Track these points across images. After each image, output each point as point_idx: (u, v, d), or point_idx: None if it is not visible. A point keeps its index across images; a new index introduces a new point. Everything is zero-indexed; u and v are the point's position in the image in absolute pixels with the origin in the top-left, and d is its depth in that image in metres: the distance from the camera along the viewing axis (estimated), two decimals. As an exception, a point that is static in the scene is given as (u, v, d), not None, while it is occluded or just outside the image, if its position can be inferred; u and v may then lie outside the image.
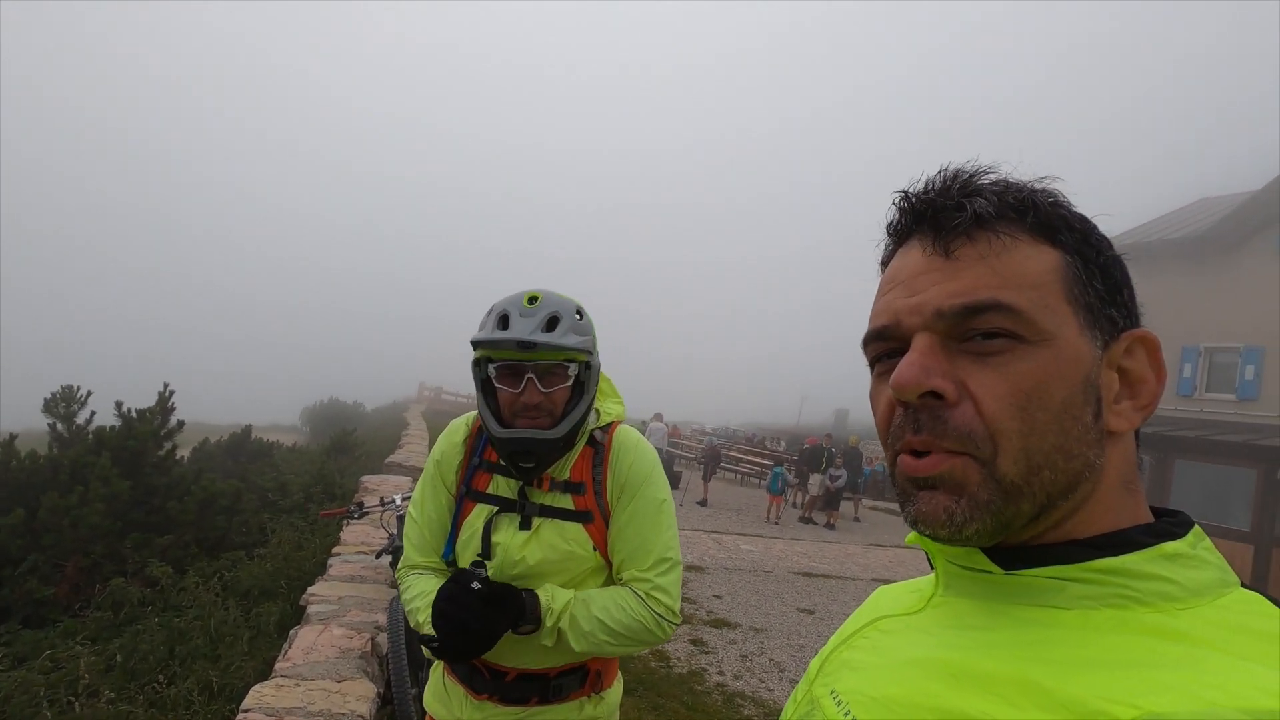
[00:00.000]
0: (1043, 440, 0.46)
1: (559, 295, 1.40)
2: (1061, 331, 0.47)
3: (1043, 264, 0.49)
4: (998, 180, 0.52)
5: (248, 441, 9.90)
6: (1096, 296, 0.49)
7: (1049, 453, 0.46)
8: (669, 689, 4.26)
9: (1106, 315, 0.49)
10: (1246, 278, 12.44)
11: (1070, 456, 0.46)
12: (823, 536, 11.83)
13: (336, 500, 7.13)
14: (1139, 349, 0.50)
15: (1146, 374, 0.50)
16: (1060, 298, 0.48)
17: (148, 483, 5.80)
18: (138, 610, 4.45)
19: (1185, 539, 0.46)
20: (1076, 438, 0.46)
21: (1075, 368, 0.47)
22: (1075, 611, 0.45)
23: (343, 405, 29.17)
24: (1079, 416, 0.46)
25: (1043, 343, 0.46)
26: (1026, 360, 0.46)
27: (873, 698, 0.50)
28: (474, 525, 1.39)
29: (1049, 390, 0.46)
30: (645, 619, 1.34)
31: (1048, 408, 0.46)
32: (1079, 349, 0.47)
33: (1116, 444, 0.49)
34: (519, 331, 1.30)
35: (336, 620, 3.31)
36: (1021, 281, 0.48)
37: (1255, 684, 0.36)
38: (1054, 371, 0.46)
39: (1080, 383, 0.47)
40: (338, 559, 4.44)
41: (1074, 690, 0.39)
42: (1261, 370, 12.04)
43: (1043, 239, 0.49)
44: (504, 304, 1.37)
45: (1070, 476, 0.46)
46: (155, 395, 6.72)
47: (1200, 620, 0.42)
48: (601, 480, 1.41)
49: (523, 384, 1.33)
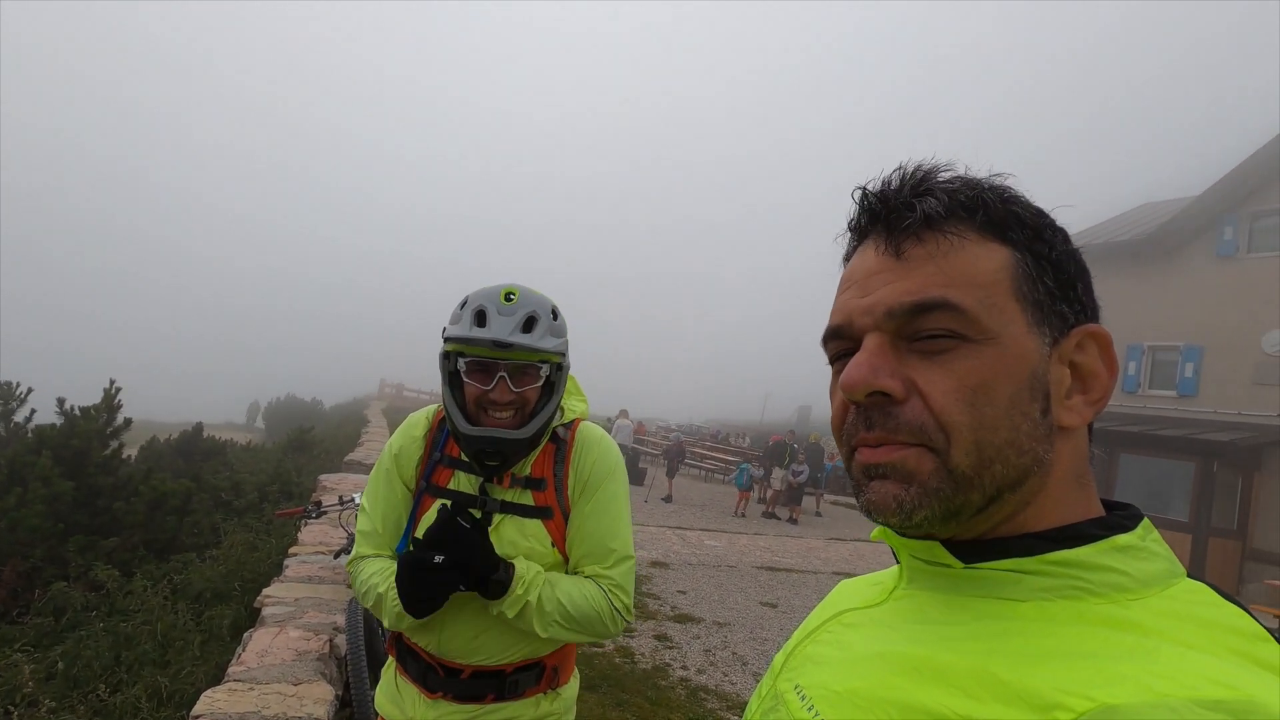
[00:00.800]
0: (994, 435, 0.47)
1: (535, 293, 1.39)
2: (1007, 330, 0.48)
3: (992, 262, 0.49)
4: (953, 178, 0.52)
5: (199, 440, 9.58)
6: (1046, 293, 0.50)
7: (1000, 447, 0.47)
8: (633, 684, 4.27)
9: (1057, 311, 0.50)
10: (1186, 280, 13.00)
11: (1020, 451, 0.47)
12: (786, 531, 11.99)
13: (294, 500, 6.96)
14: (1090, 344, 0.50)
15: (1098, 368, 0.50)
16: (1008, 295, 0.48)
17: (92, 483, 5.57)
18: (81, 616, 4.27)
19: (1135, 531, 0.47)
20: (1025, 433, 0.47)
21: (1020, 365, 0.48)
22: (1032, 603, 0.46)
23: (300, 402, 28.47)
24: (1026, 412, 0.47)
25: (988, 341, 0.47)
26: (972, 358, 0.47)
27: (836, 692, 0.50)
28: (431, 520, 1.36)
29: (994, 387, 0.47)
30: (604, 611, 1.35)
31: (995, 404, 0.47)
32: (1024, 346, 0.48)
33: (1068, 438, 0.50)
34: (497, 331, 1.28)
35: (293, 622, 3.23)
36: (969, 281, 0.48)
37: (1204, 674, 0.37)
38: (999, 369, 0.47)
39: (1026, 379, 0.48)
40: (295, 560, 4.33)
41: (1031, 682, 0.40)
42: (1200, 368, 12.60)
43: (992, 237, 0.50)
44: (480, 298, 1.33)
45: (1019, 471, 0.47)
46: (101, 392, 6.46)
47: (1150, 610, 0.43)
48: (563, 477, 1.40)
49: (494, 381, 1.31)
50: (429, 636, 1.37)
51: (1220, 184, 12.79)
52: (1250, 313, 12.00)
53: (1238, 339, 12.10)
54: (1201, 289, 12.77)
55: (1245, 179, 12.57)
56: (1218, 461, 11.32)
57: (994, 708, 0.40)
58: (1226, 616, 0.43)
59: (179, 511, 5.78)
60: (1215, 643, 0.41)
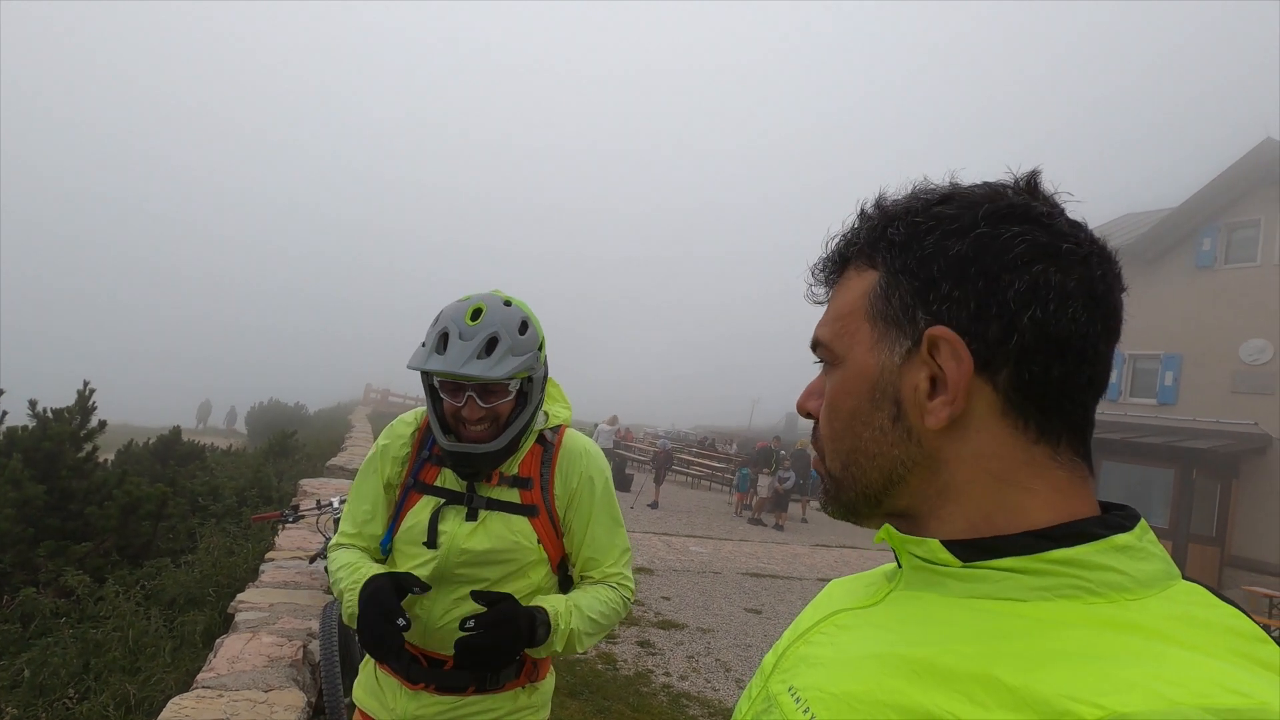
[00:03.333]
0: (841, 443, 0.55)
1: (507, 304, 1.40)
2: (851, 352, 0.54)
3: (857, 290, 0.55)
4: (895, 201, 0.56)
5: (177, 443, 9.43)
6: (900, 305, 0.52)
7: (850, 453, 0.54)
8: (614, 691, 4.23)
9: (910, 320, 0.51)
10: (1166, 290, 13.20)
11: (870, 455, 0.53)
12: (771, 537, 11.98)
13: (273, 504, 6.85)
14: (940, 346, 0.49)
15: (949, 368, 0.49)
16: (861, 318, 0.54)
17: (64, 486, 5.46)
18: (50, 622, 4.17)
19: (1133, 532, 0.47)
20: (871, 439, 0.53)
21: (859, 381, 0.54)
22: (1031, 603, 0.45)
23: (284, 407, 28.13)
24: (869, 421, 0.53)
25: (839, 364, 0.55)
26: (831, 380, 0.56)
27: (833, 694, 0.49)
28: (418, 516, 1.42)
29: (838, 404, 0.55)
30: (619, 606, 1.48)
31: (839, 417, 0.55)
32: (864, 363, 0.54)
33: (962, 438, 0.49)
34: (451, 363, 1.31)
35: (267, 628, 3.17)
36: (835, 314, 0.57)
37: (1214, 679, 0.36)
38: (842, 387, 0.55)
39: (867, 393, 0.53)
40: (271, 564, 4.26)
41: (1037, 688, 0.39)
42: (1179, 376, 12.78)
43: (866, 264, 0.55)
44: (447, 318, 1.37)
45: (881, 472, 0.53)
46: (75, 394, 6.34)
47: (1151, 612, 0.42)
48: (549, 478, 1.46)
49: (464, 399, 1.36)
50: (414, 627, 1.39)
51: (1198, 196, 13.02)
52: (1228, 322, 12.20)
53: (1216, 348, 12.29)
54: (1181, 299, 12.97)
55: (1222, 191, 12.80)
56: (1197, 469, 11.47)
57: (999, 714, 0.39)
58: (1224, 617, 0.43)
59: (154, 516, 5.67)
60: (1218, 645, 0.40)
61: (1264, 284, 11.98)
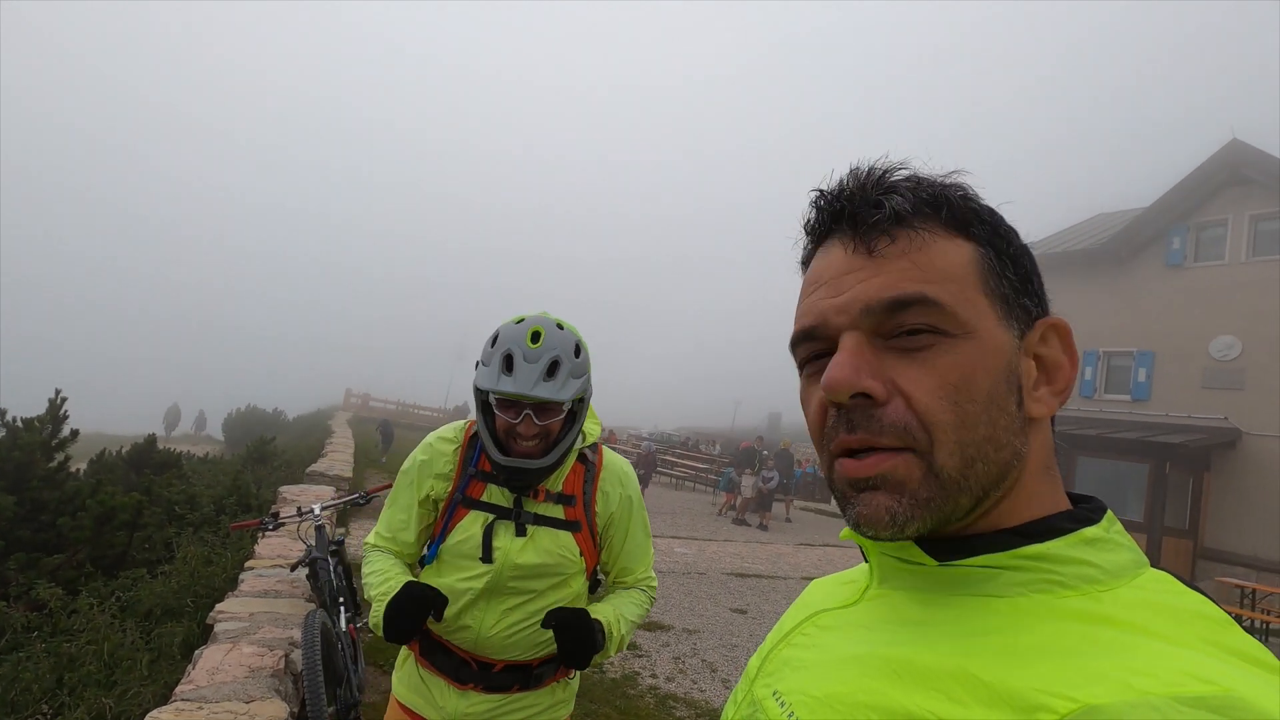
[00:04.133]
0: (974, 432, 0.46)
1: (561, 329, 1.48)
2: (982, 323, 0.48)
3: (960, 257, 0.49)
4: (910, 176, 0.52)
5: (153, 452, 9.23)
6: (1010, 287, 0.50)
7: (980, 444, 0.46)
8: (601, 694, 4.22)
9: (1020, 304, 0.50)
10: (1138, 288, 13.47)
11: (1000, 446, 0.47)
12: (755, 537, 12.03)
13: (252, 512, 6.74)
14: (1053, 336, 0.51)
15: (1061, 359, 0.51)
16: (978, 290, 0.49)
17: (35, 497, 5.33)
18: (21, 637, 4.06)
19: (1100, 524, 0.48)
20: (1004, 427, 0.47)
21: (997, 358, 0.48)
22: (1007, 599, 0.46)
23: (262, 413, 27.72)
24: (1004, 406, 0.47)
25: (965, 336, 0.47)
26: (952, 354, 0.47)
27: (815, 697, 0.49)
28: (469, 530, 1.49)
29: (975, 382, 0.46)
30: (648, 605, 1.64)
31: (975, 399, 0.46)
32: (999, 339, 0.48)
33: (1037, 430, 0.50)
34: (521, 385, 1.40)
35: (247, 638, 3.12)
36: (942, 276, 0.48)
37: (1183, 669, 0.37)
38: (979, 363, 0.47)
39: (1003, 372, 0.48)
40: (251, 573, 4.19)
41: (1012, 683, 0.39)
42: (1152, 373, 13.04)
43: (957, 233, 0.50)
44: (508, 341, 1.44)
45: (1001, 467, 0.47)
46: (46, 403, 6.20)
47: (1121, 602, 0.43)
48: (591, 495, 1.56)
49: (520, 416, 1.43)
50: (466, 635, 1.49)
51: (1167, 196, 13.30)
52: (1198, 320, 12.47)
53: (1187, 345, 12.55)
54: (1152, 297, 13.24)
55: (1191, 192, 13.08)
56: (1170, 463, 11.70)
57: (976, 711, 0.40)
58: (1192, 603, 0.44)
59: (129, 526, 5.56)
60: (1186, 632, 0.41)
61: (1232, 282, 12.27)
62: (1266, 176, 12.04)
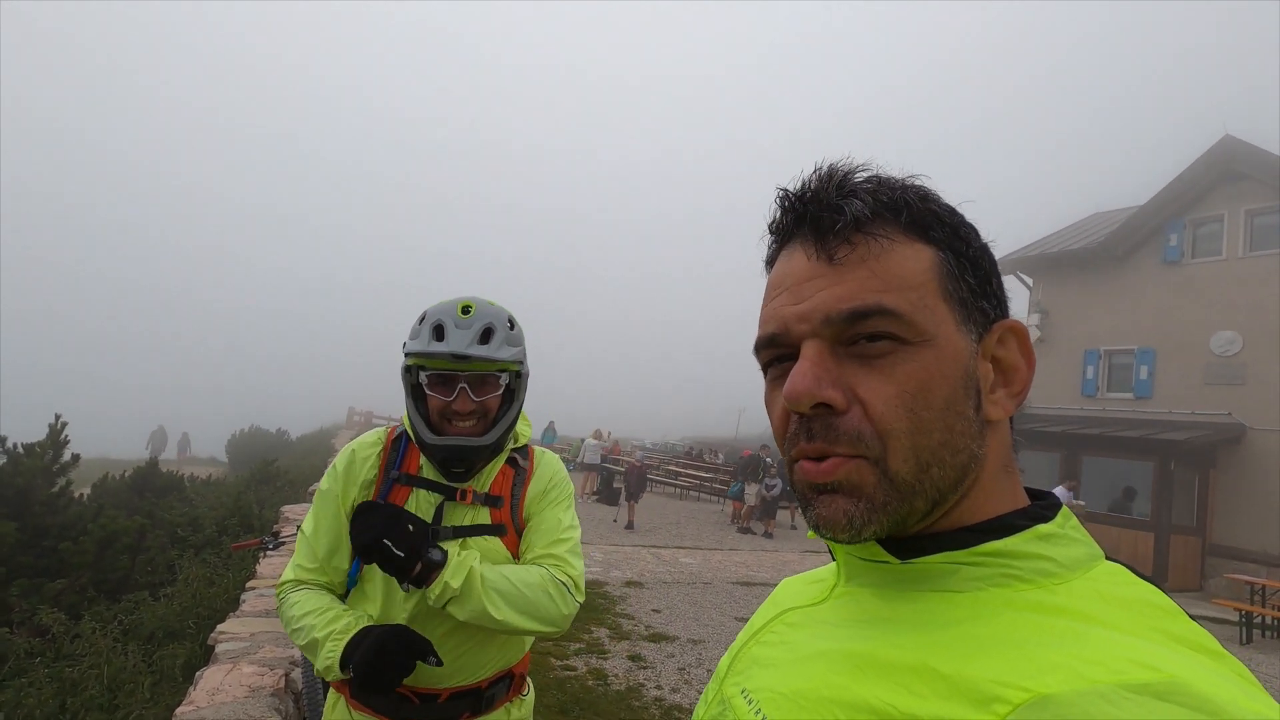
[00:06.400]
0: (929, 438, 0.47)
1: (491, 304, 1.44)
2: (941, 330, 0.49)
3: (919, 264, 0.50)
4: (870, 178, 0.53)
5: (155, 475, 9.26)
6: (969, 290, 0.51)
7: (936, 449, 0.47)
8: (606, 707, 4.19)
9: (979, 307, 0.51)
10: (1137, 285, 13.47)
11: (956, 451, 0.48)
12: (760, 545, 11.97)
13: (254, 533, 6.74)
14: (1010, 338, 0.52)
15: (1018, 362, 0.52)
16: (937, 296, 0.49)
17: (37, 523, 5.34)
18: (24, 663, 4.06)
19: (1055, 521, 0.49)
20: (961, 432, 0.48)
21: (955, 364, 0.49)
22: (968, 594, 0.47)
23: (265, 434, 27.73)
24: (961, 411, 0.48)
25: (924, 343, 0.48)
26: (910, 361, 0.48)
27: (782, 694, 0.50)
28: None
29: (932, 389, 0.48)
30: (546, 583, 1.35)
31: (932, 406, 0.47)
32: (957, 345, 0.49)
33: (994, 431, 0.51)
34: (455, 345, 1.32)
35: (248, 658, 3.11)
36: (901, 283, 0.49)
37: (1129, 656, 0.38)
38: (936, 371, 0.48)
39: (961, 378, 0.49)
40: (252, 594, 4.19)
41: (969, 675, 0.40)
42: (1154, 370, 13.01)
43: (916, 237, 0.51)
44: (438, 313, 1.37)
45: (958, 470, 0.48)
46: (46, 429, 6.22)
47: (1075, 594, 0.44)
48: (520, 497, 1.47)
49: (455, 392, 1.35)
50: None
51: (1163, 193, 13.32)
52: (1198, 316, 12.46)
53: (1188, 341, 12.53)
54: (1151, 294, 13.23)
55: (1186, 188, 13.11)
56: (1175, 460, 11.65)
57: (935, 703, 0.41)
58: (1143, 593, 0.45)
59: (131, 549, 5.56)
60: (1136, 622, 0.42)
61: (1230, 277, 12.27)
62: (1261, 171, 12.07)
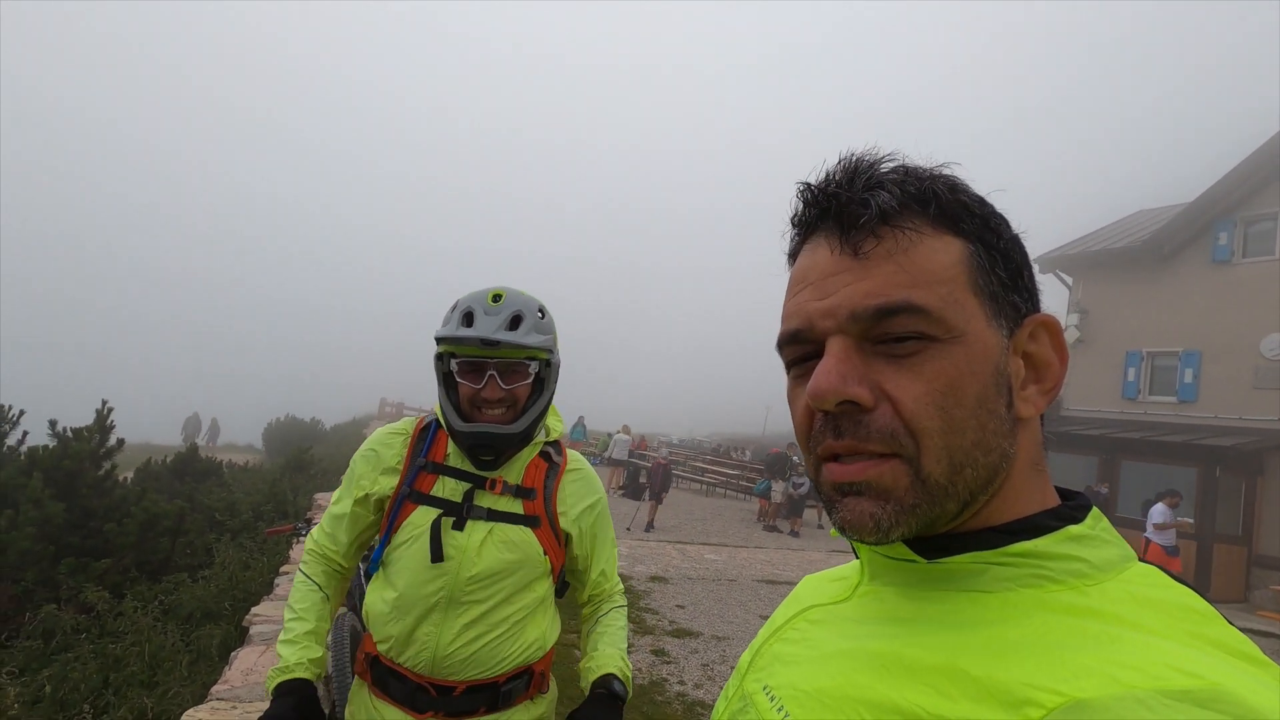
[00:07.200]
0: (962, 438, 0.46)
1: (521, 293, 1.44)
2: (970, 326, 0.47)
3: (948, 257, 0.48)
4: (897, 168, 0.51)
5: (195, 460, 9.55)
6: (1000, 284, 0.49)
7: (969, 449, 0.46)
8: (628, 701, 4.21)
9: (1010, 302, 0.49)
10: (1183, 285, 13.01)
11: (988, 450, 0.46)
12: (786, 544, 11.90)
13: (289, 519, 6.92)
14: (1042, 333, 0.50)
15: (1051, 357, 0.50)
16: (967, 290, 0.48)
17: (84, 505, 5.54)
18: (71, 638, 4.23)
19: (1085, 522, 0.47)
20: (992, 430, 0.46)
21: (985, 361, 0.47)
22: (996, 594, 0.46)
23: (300, 423, 28.40)
24: (994, 409, 0.47)
25: (954, 340, 0.46)
26: (940, 359, 0.46)
27: (805, 691, 0.49)
28: (418, 526, 1.36)
29: (964, 387, 0.46)
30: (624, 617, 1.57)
31: (964, 404, 0.46)
32: (987, 341, 0.47)
33: (1025, 428, 0.49)
34: (483, 330, 1.33)
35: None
36: (930, 278, 0.47)
37: (1168, 662, 0.37)
38: (966, 368, 0.46)
39: (992, 375, 0.47)
40: (285, 578, 4.31)
41: (1001, 678, 0.39)
42: (1199, 373, 12.57)
43: (945, 229, 0.49)
44: (468, 301, 1.39)
45: (989, 470, 0.46)
46: (94, 414, 6.45)
47: (1108, 596, 0.43)
48: (553, 490, 1.46)
49: (484, 380, 1.36)
50: (422, 654, 1.34)
51: (1213, 190, 12.85)
52: (1247, 317, 11.99)
53: (1236, 344, 12.08)
54: (1198, 294, 12.78)
55: (1238, 185, 12.62)
56: (1220, 467, 11.25)
57: (965, 705, 0.40)
58: (1179, 596, 0.43)
59: (172, 532, 5.75)
60: (1172, 626, 0.40)
61: (1283, 277, 11.79)
62: (1318, 167, 11.57)
